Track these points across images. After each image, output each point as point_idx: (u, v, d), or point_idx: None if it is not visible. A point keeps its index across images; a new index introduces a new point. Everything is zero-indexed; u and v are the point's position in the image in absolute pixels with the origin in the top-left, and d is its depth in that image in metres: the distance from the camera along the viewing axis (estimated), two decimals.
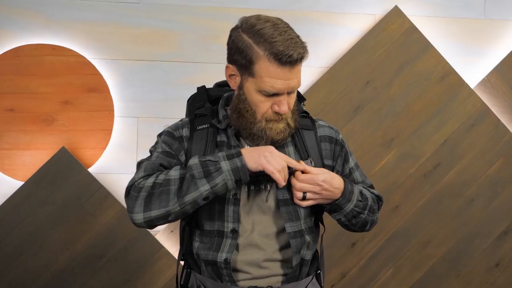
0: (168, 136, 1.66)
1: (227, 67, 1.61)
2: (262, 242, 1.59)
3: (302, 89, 2.90)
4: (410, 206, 2.94)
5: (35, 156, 2.81)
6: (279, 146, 1.62)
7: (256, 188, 1.60)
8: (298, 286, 1.63)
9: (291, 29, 1.55)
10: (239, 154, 1.52)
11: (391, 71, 2.93)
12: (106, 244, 2.79)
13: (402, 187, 2.93)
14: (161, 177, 1.54)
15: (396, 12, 2.94)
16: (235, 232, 1.57)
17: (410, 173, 2.93)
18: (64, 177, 2.76)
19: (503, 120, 2.99)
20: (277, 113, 1.56)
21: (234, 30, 1.58)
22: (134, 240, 2.80)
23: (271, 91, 1.53)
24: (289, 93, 1.56)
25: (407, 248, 2.94)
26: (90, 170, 2.82)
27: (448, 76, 2.95)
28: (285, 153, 1.63)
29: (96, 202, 2.78)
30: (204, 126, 1.63)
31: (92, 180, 2.78)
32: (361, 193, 1.71)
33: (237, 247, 1.59)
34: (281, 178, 1.51)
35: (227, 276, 1.58)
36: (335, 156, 1.71)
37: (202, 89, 1.77)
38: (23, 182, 2.77)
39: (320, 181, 1.56)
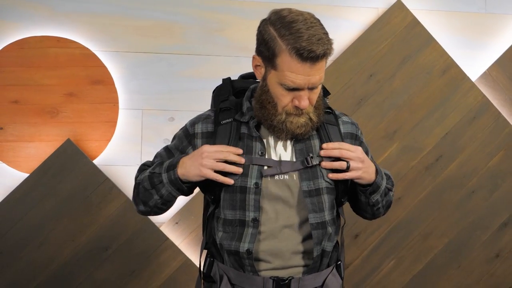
0: (183, 132, 1.73)
1: (253, 57, 1.62)
2: (284, 233, 1.61)
3: None
4: (412, 198, 2.97)
5: (39, 148, 2.81)
6: (304, 139, 1.64)
7: (281, 178, 1.61)
8: (318, 277, 1.64)
9: (319, 25, 1.54)
10: (175, 166, 1.61)
11: (394, 64, 2.96)
12: (111, 235, 2.80)
13: (404, 179, 2.96)
14: (141, 176, 1.71)
15: (398, 6, 2.97)
16: (256, 221, 1.58)
17: (412, 166, 2.97)
18: (69, 169, 2.77)
19: (504, 113, 3.03)
20: (297, 107, 1.57)
21: (263, 22, 1.60)
22: (139, 232, 2.81)
23: (291, 85, 1.54)
24: (311, 89, 1.56)
25: (409, 239, 2.97)
26: (95, 162, 2.83)
27: (450, 70, 2.98)
28: (311, 146, 1.64)
29: (101, 194, 2.79)
30: (227, 120, 1.66)
31: (97, 172, 2.78)
32: (384, 174, 1.76)
33: (259, 237, 1.60)
34: (226, 180, 1.58)
35: (249, 266, 1.59)
36: None
37: (227, 81, 1.79)
38: (27, 174, 2.78)
39: (359, 153, 1.61)
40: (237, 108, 1.69)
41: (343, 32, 2.98)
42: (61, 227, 2.77)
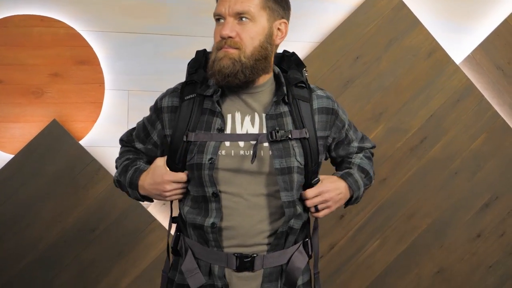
0: (154, 105, 1.76)
1: None
2: (250, 209, 1.60)
3: None
4: (397, 179, 3.02)
5: (24, 128, 2.77)
6: (276, 115, 1.62)
7: (247, 153, 1.60)
8: (284, 254, 1.64)
9: None
10: (137, 186, 1.70)
11: (380, 46, 2.97)
12: (98, 217, 2.79)
13: (390, 161, 3.00)
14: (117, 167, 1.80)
15: None
16: (216, 196, 1.59)
17: (398, 147, 3.00)
18: (55, 150, 2.74)
19: (487, 96, 3.08)
20: (222, 38, 1.58)
21: None
22: (126, 212, 2.81)
23: (216, 14, 1.61)
24: (239, 20, 1.58)
25: (394, 219, 3.02)
26: (81, 143, 2.80)
27: (435, 53, 3.01)
28: (283, 123, 1.62)
29: (88, 175, 2.77)
30: (191, 96, 1.66)
31: (83, 153, 2.77)
32: (362, 170, 1.78)
33: (224, 212, 1.59)
34: (175, 197, 1.67)
35: (213, 241, 1.60)
36: (330, 126, 1.73)
37: (200, 53, 1.75)
38: (12, 155, 2.74)
39: (326, 197, 1.67)
40: (204, 82, 1.66)
41: (329, 14, 2.99)
42: (48, 208, 2.75)
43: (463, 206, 3.07)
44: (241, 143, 1.60)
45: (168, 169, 1.64)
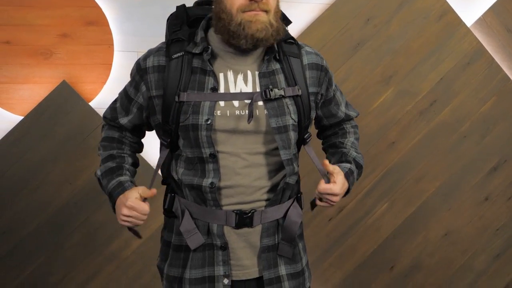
0: (136, 67, 1.67)
1: None
2: (247, 168, 1.60)
3: (302, 26, 2.91)
4: (406, 142, 3.02)
5: (33, 90, 2.75)
6: (268, 73, 1.61)
7: (242, 113, 1.58)
8: (280, 209, 1.66)
9: None
10: (113, 204, 1.69)
11: (391, 8, 2.95)
12: None
13: (399, 124, 3.00)
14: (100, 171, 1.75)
15: None
16: (214, 157, 1.57)
17: (407, 110, 3.00)
18: (65, 111, 2.73)
19: (497, 59, 3.06)
20: (253, 0, 1.51)
21: None
22: (137, 174, 2.79)
23: None
24: None
25: (402, 183, 3.03)
26: (91, 104, 2.79)
27: (446, 15, 2.98)
28: (276, 81, 1.61)
29: (99, 137, 2.74)
30: (179, 54, 1.59)
31: (93, 115, 2.75)
32: (357, 165, 1.79)
33: (222, 172, 1.59)
34: (125, 224, 1.65)
35: (211, 201, 1.60)
36: (321, 82, 1.72)
37: (181, 9, 1.70)
38: (22, 117, 2.73)
39: (334, 200, 1.67)
40: (190, 39, 1.62)
41: None
42: (58, 170, 2.75)
43: (471, 169, 3.08)
44: (236, 103, 1.59)
45: (138, 198, 1.61)
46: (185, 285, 1.63)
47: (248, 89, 1.60)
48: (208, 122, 1.55)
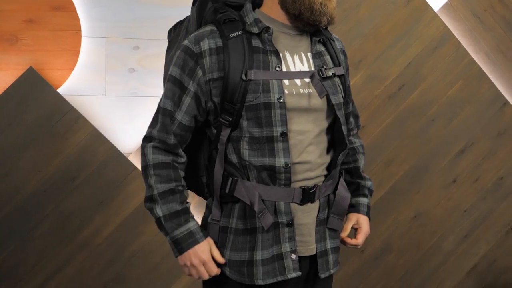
0: (186, 53, 1.61)
1: None
2: (312, 145, 1.64)
3: None
4: (375, 126, 3.05)
5: None
6: (319, 54, 1.67)
7: (305, 91, 1.63)
8: (333, 184, 1.72)
9: None
10: (180, 251, 1.64)
11: None
12: (78, 166, 2.76)
13: (368, 108, 3.03)
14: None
15: None
16: (285, 135, 1.59)
17: (376, 94, 3.03)
18: (32, 98, 2.69)
19: (463, 43, 3.11)
20: None
21: None
22: (106, 161, 2.78)
23: None
24: None
25: (372, 166, 3.06)
26: (59, 91, 2.75)
27: (414, 0, 3.01)
28: (326, 62, 1.68)
29: (67, 124, 2.73)
30: (237, 33, 1.60)
31: (62, 101, 2.72)
32: (371, 193, 1.92)
33: (291, 150, 1.61)
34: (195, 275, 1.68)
35: (283, 180, 1.61)
36: (346, 68, 1.80)
37: None
38: None
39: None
40: (241, 20, 1.64)
41: None
42: (26, 158, 2.71)
43: (439, 152, 3.13)
44: (298, 81, 1.62)
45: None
46: (257, 266, 1.63)
47: (305, 68, 1.64)
48: (281, 100, 1.57)
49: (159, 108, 1.65)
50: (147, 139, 1.65)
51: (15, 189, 2.72)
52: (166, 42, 2.84)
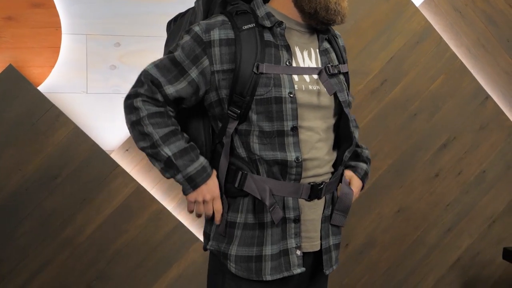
0: (194, 39, 1.59)
1: None
2: (320, 141, 1.65)
3: None
4: (358, 121, 3.04)
5: None
6: (326, 51, 1.68)
7: (314, 88, 1.63)
8: (337, 181, 1.73)
9: None
10: (195, 186, 1.60)
11: None
12: (60, 164, 2.74)
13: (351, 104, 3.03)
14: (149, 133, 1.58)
15: None
16: (295, 130, 1.59)
17: (359, 90, 3.03)
18: (12, 96, 2.66)
19: (445, 37, 3.12)
20: None
21: None
22: (88, 159, 2.77)
23: None
24: None
25: None
26: (39, 88, 2.73)
27: None
28: (332, 59, 1.69)
29: (48, 122, 2.71)
30: (250, 25, 1.59)
31: (42, 99, 2.70)
32: (369, 161, 1.89)
33: (301, 146, 1.61)
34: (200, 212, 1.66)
35: (294, 175, 1.61)
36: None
37: None
38: None
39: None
40: (253, 13, 1.63)
41: None
42: (6, 156, 2.69)
43: (422, 146, 3.15)
44: (307, 78, 1.62)
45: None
46: (266, 262, 1.62)
47: (313, 65, 1.65)
48: (292, 95, 1.57)
49: (147, 74, 1.60)
50: (132, 96, 1.60)
51: None
52: (148, 39, 2.84)
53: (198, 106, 1.69)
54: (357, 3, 2.98)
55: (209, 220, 1.72)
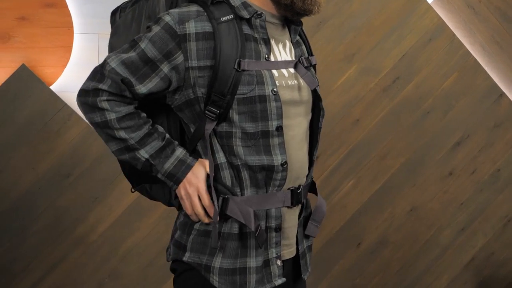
0: (167, 32, 1.42)
1: None
2: (301, 141, 1.55)
3: None
4: (370, 119, 3.04)
5: None
6: (297, 43, 1.60)
7: (293, 83, 1.54)
8: (309, 184, 1.63)
9: None
10: (177, 182, 1.47)
11: None
12: (72, 162, 2.77)
13: (363, 101, 3.02)
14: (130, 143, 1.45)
15: None
16: (280, 129, 1.48)
17: (370, 88, 3.02)
18: (25, 95, 2.69)
19: (458, 35, 3.09)
20: None
21: None
22: (101, 158, 2.78)
23: None
24: None
25: (367, 160, 3.05)
26: (52, 88, 2.76)
27: None
28: (303, 51, 1.61)
29: (60, 121, 2.73)
30: (228, 17, 1.45)
31: (55, 98, 2.72)
32: None
33: (285, 147, 1.51)
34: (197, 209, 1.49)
35: (278, 180, 1.50)
36: None
37: None
38: None
39: None
40: (228, 3, 1.48)
41: None
42: (19, 156, 2.71)
43: (435, 145, 3.12)
44: (285, 72, 1.52)
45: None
46: (250, 274, 1.51)
47: (289, 58, 1.55)
48: (275, 93, 1.46)
49: (113, 71, 1.42)
50: (92, 92, 1.44)
51: (8, 188, 2.72)
52: None
53: (161, 106, 1.54)
54: (369, 0, 2.96)
55: (185, 228, 1.55)
